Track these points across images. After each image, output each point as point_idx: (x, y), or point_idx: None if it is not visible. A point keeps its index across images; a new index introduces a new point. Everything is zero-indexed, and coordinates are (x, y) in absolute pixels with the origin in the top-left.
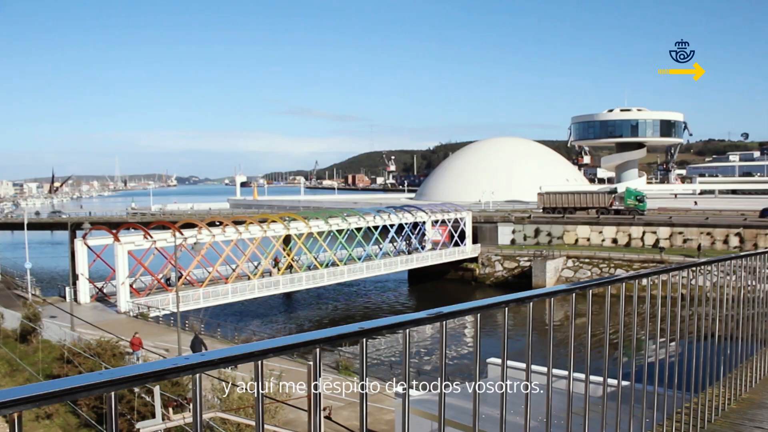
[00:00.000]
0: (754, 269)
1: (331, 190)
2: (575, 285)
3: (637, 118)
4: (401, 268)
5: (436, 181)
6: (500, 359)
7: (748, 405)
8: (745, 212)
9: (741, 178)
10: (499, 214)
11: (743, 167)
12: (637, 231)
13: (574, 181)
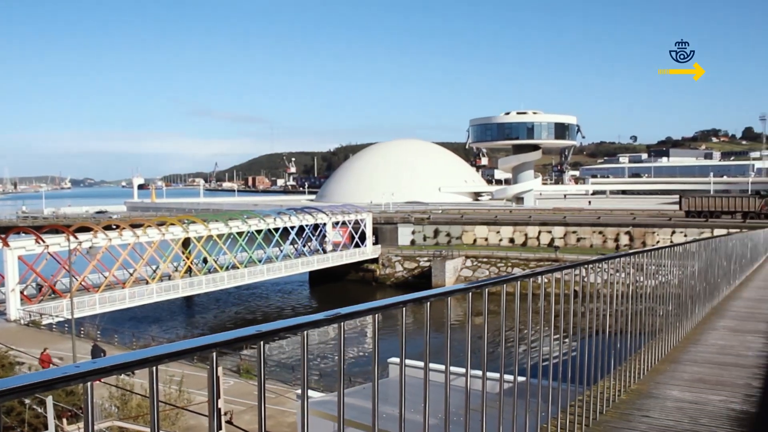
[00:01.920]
0: (642, 266)
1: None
2: (472, 284)
3: (532, 120)
4: (302, 270)
5: (337, 183)
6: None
7: (637, 395)
8: (635, 212)
9: (630, 179)
10: (400, 215)
11: (632, 169)
12: (533, 231)
13: (472, 183)
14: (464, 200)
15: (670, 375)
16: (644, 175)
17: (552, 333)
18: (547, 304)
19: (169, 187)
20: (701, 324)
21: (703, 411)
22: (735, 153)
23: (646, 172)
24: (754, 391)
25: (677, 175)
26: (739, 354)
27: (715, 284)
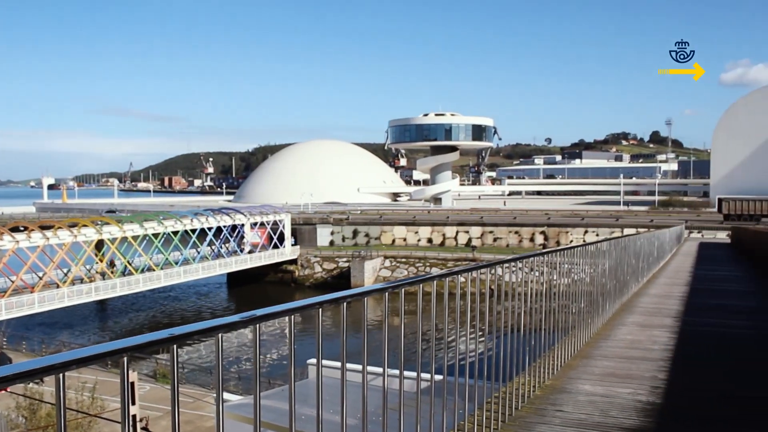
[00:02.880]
0: (556, 265)
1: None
2: (389, 284)
3: (450, 122)
4: (220, 272)
5: (256, 184)
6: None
7: (551, 391)
8: (549, 212)
9: (545, 180)
10: (318, 216)
11: (547, 170)
12: (450, 231)
13: (391, 183)
14: (383, 201)
15: (583, 370)
16: (558, 176)
17: (468, 332)
18: (464, 303)
19: (82, 187)
20: (612, 320)
21: (613, 404)
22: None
23: (560, 173)
24: (660, 383)
25: (589, 176)
26: (646, 348)
27: (624, 281)
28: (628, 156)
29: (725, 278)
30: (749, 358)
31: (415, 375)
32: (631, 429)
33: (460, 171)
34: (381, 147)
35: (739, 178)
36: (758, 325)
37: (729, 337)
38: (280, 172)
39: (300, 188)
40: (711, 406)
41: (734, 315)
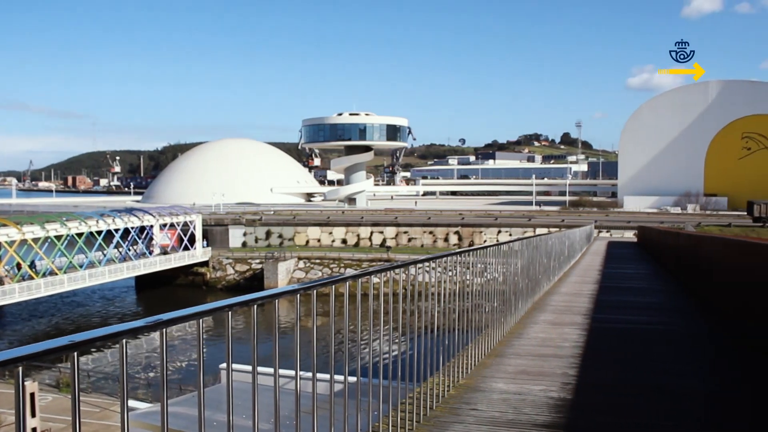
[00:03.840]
0: (469, 265)
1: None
2: (301, 285)
3: (365, 122)
4: (128, 275)
5: (165, 184)
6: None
7: (465, 390)
8: (463, 212)
9: (459, 180)
10: (230, 217)
11: (461, 170)
12: (365, 231)
13: (305, 183)
14: (297, 201)
15: (496, 368)
16: (472, 176)
17: (382, 333)
18: (378, 304)
19: None
20: (524, 318)
21: (525, 401)
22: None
23: (474, 173)
24: (571, 379)
25: (503, 176)
26: (557, 345)
27: (536, 280)
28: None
29: (632, 276)
30: (654, 352)
31: (329, 377)
32: (543, 425)
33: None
34: (295, 146)
35: (644, 178)
36: (662, 320)
37: (635, 333)
38: (190, 171)
39: (212, 188)
40: (617, 399)
41: (640, 311)
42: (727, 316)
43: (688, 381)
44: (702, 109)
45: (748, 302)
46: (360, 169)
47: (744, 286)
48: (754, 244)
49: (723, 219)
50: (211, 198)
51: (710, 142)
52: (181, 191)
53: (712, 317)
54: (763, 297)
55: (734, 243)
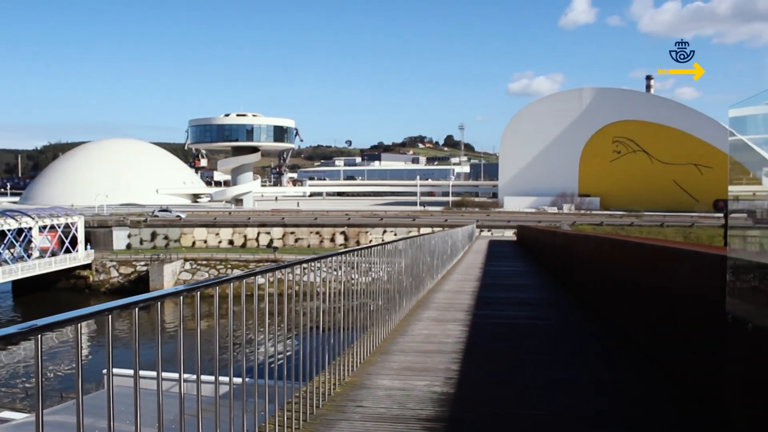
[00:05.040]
0: (355, 264)
1: None
2: (184, 287)
3: (252, 123)
4: (4, 279)
5: (45, 184)
6: (121, 369)
7: (351, 387)
8: (349, 212)
9: (346, 181)
10: (114, 218)
11: (347, 171)
12: (252, 232)
13: (191, 184)
14: (183, 202)
15: (381, 365)
16: (358, 177)
17: (267, 333)
18: (263, 304)
19: None
20: (408, 316)
21: (410, 396)
22: (438, 158)
23: (360, 174)
24: (453, 374)
25: (388, 177)
26: (440, 342)
27: (420, 279)
28: (424, 158)
29: (512, 273)
30: (531, 345)
31: (214, 379)
32: (426, 419)
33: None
34: (181, 147)
35: (524, 179)
36: (540, 315)
37: (514, 328)
38: (72, 172)
39: (94, 189)
40: (497, 391)
41: (519, 307)
42: (599, 310)
43: (563, 372)
44: (577, 114)
45: (617, 297)
46: (247, 170)
47: (614, 282)
48: (623, 241)
49: (596, 218)
50: (95, 199)
51: (584, 146)
52: (62, 192)
53: (586, 312)
54: (629, 292)
55: (606, 241)
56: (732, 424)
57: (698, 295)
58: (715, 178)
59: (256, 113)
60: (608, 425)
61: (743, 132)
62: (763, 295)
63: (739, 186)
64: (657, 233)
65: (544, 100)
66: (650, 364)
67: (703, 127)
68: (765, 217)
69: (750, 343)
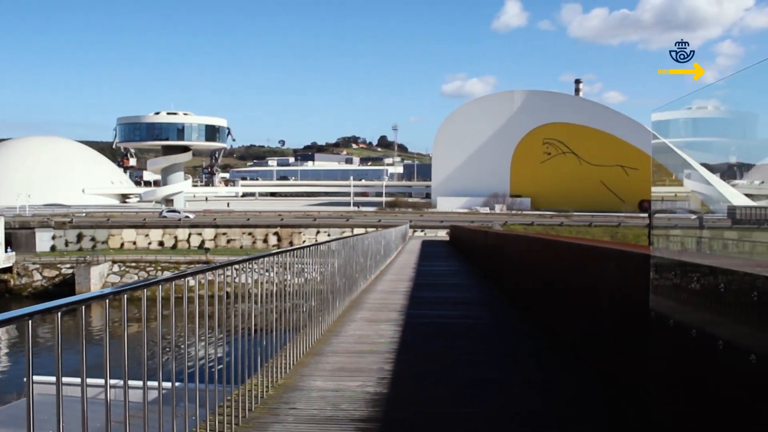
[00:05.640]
0: (288, 265)
1: None
2: (110, 290)
3: (183, 122)
4: None
5: None
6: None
7: (284, 389)
8: (282, 213)
9: (279, 181)
10: (38, 219)
11: (280, 172)
12: (183, 233)
13: (119, 184)
14: (111, 202)
15: (314, 367)
16: (292, 177)
17: (197, 336)
18: (195, 307)
19: None
20: (342, 317)
21: (343, 397)
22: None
23: (294, 175)
24: (386, 374)
25: (322, 178)
26: (374, 342)
27: (353, 279)
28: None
29: (445, 273)
30: (462, 344)
31: (142, 384)
32: (359, 419)
33: (192, 172)
34: (109, 146)
35: (456, 180)
36: (471, 314)
37: (447, 327)
38: None
39: (15, 189)
40: (430, 391)
41: (452, 306)
42: (530, 310)
43: (496, 372)
44: (508, 116)
45: (547, 296)
46: (178, 170)
47: (544, 281)
48: (552, 241)
49: (527, 218)
50: (16, 199)
51: (515, 147)
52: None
53: (518, 311)
54: (559, 291)
55: (536, 241)
56: (656, 423)
57: (624, 294)
58: (641, 180)
59: (188, 112)
60: (540, 424)
61: (665, 135)
62: (684, 291)
63: (661, 187)
64: (585, 233)
65: (476, 101)
66: (581, 364)
67: (629, 130)
68: (745, 217)
69: (672, 339)
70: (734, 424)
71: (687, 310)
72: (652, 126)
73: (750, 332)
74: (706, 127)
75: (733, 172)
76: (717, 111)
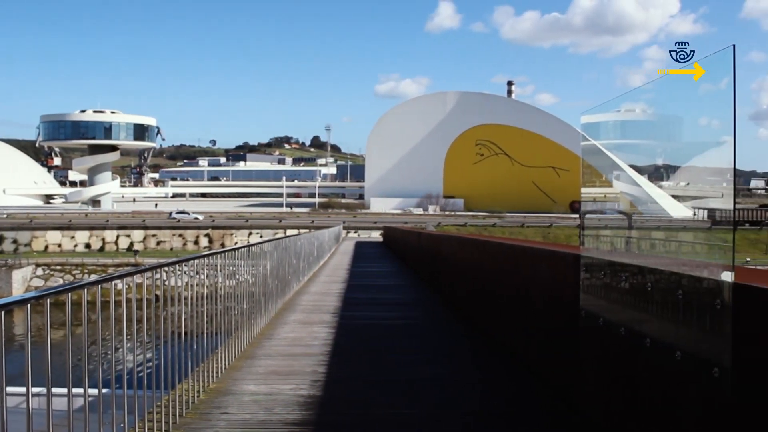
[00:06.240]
0: (220, 267)
1: None
2: (32, 294)
3: (110, 120)
4: None
5: None
6: None
7: (216, 394)
8: (213, 214)
9: (210, 182)
10: None
11: (212, 172)
12: (111, 235)
13: (43, 184)
14: (34, 203)
15: (247, 370)
16: (223, 178)
17: (125, 341)
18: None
19: None
20: (275, 319)
21: (276, 400)
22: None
23: (225, 175)
24: (320, 377)
25: (254, 178)
26: (307, 344)
27: (286, 281)
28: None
29: (378, 274)
30: (397, 345)
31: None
32: (293, 423)
33: (121, 172)
34: (32, 144)
35: (390, 181)
36: (406, 315)
37: (381, 328)
38: None
39: None
40: (364, 392)
41: (386, 307)
42: (465, 310)
43: (431, 372)
44: (441, 117)
45: (482, 297)
46: (105, 170)
47: (478, 281)
48: (484, 242)
49: (460, 219)
50: None
51: (449, 148)
52: None
53: (453, 312)
54: (493, 291)
55: (468, 242)
56: (592, 421)
57: (556, 294)
58: (572, 181)
59: (115, 110)
60: (480, 424)
61: (596, 137)
62: (613, 291)
63: (591, 188)
64: (518, 233)
65: (410, 102)
66: (517, 364)
67: (560, 131)
68: (725, 218)
69: (601, 338)
70: (663, 419)
71: (616, 309)
72: (581, 128)
73: (675, 330)
74: (634, 129)
75: (660, 174)
76: (645, 114)
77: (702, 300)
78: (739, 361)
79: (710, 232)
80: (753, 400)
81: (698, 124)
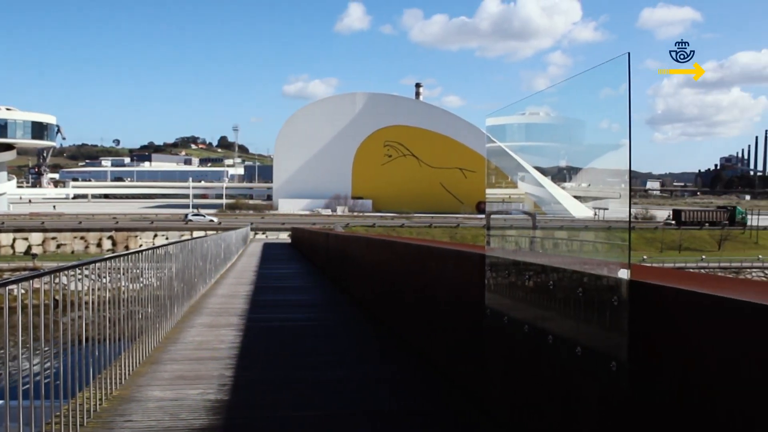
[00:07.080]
0: (123, 270)
1: None
2: None
3: (6, 117)
4: None
5: None
6: None
7: (119, 401)
8: (117, 216)
9: (113, 183)
10: None
11: (115, 172)
12: (6, 238)
13: None
14: None
15: (152, 376)
16: (127, 179)
17: (20, 349)
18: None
19: None
20: (180, 323)
21: (182, 406)
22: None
23: (129, 176)
24: (227, 380)
25: (159, 179)
26: (214, 348)
27: (192, 284)
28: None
29: (287, 275)
30: (307, 346)
31: None
32: (200, 428)
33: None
34: None
35: (298, 182)
36: (315, 316)
37: (290, 329)
38: None
39: None
40: (272, 395)
41: (294, 309)
42: (374, 310)
43: (341, 372)
44: (350, 118)
45: (390, 297)
46: (1, 170)
47: (386, 282)
48: (391, 242)
49: (369, 220)
50: None
51: (357, 149)
52: None
53: (362, 312)
54: (400, 291)
55: (375, 242)
56: (496, 419)
57: (462, 294)
58: (479, 182)
59: (11, 107)
60: (388, 422)
61: (501, 139)
62: (517, 289)
63: (496, 189)
64: (426, 234)
65: (318, 103)
66: (425, 364)
67: (467, 133)
68: (689, 219)
69: (506, 335)
70: (564, 415)
71: (520, 307)
72: (487, 130)
73: (576, 326)
74: (538, 132)
75: (564, 175)
76: (548, 117)
77: (601, 297)
78: (635, 355)
79: (609, 232)
80: (647, 393)
81: (599, 128)
